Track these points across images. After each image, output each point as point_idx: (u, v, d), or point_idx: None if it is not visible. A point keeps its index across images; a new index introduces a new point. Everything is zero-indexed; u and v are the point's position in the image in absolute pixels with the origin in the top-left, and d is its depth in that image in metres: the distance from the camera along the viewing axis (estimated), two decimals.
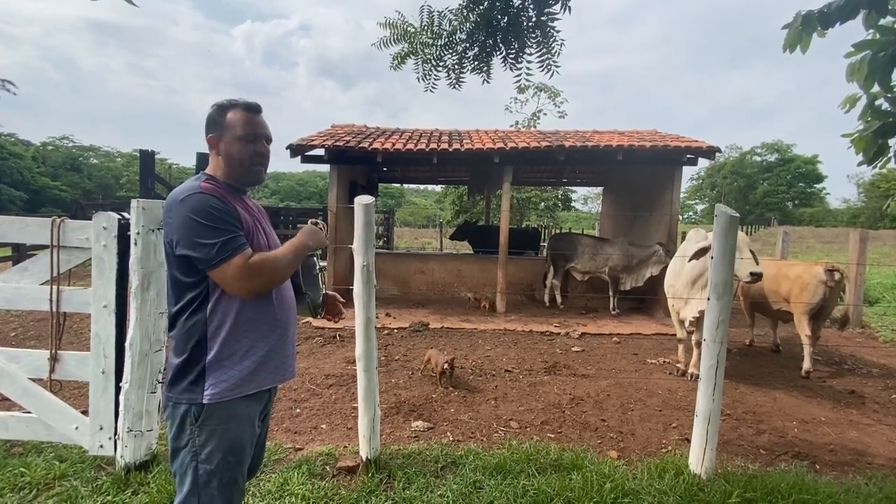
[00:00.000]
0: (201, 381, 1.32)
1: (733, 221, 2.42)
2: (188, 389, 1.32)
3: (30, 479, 2.29)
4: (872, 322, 6.73)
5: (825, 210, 44.81)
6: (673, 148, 6.69)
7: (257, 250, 1.37)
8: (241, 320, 1.36)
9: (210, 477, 1.32)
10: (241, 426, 1.38)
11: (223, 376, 1.33)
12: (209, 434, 1.32)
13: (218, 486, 1.33)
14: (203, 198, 1.30)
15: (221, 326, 1.34)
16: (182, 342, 1.33)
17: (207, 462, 1.32)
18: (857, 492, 2.37)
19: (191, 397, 1.31)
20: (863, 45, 1.85)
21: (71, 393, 3.31)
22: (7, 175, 30.05)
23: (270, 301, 1.43)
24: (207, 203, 1.29)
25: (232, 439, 1.35)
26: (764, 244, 19.94)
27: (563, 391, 3.89)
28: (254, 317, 1.39)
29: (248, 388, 1.37)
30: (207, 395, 1.31)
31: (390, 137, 7.61)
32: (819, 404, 3.78)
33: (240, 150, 1.41)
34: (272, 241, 1.52)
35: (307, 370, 4.23)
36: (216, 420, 1.32)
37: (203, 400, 1.31)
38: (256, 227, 1.44)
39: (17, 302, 2.46)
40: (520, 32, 2.34)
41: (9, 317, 5.88)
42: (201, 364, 1.32)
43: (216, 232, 1.27)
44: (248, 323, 1.37)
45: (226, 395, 1.33)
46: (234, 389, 1.34)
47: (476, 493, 2.30)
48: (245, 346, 1.37)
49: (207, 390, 1.31)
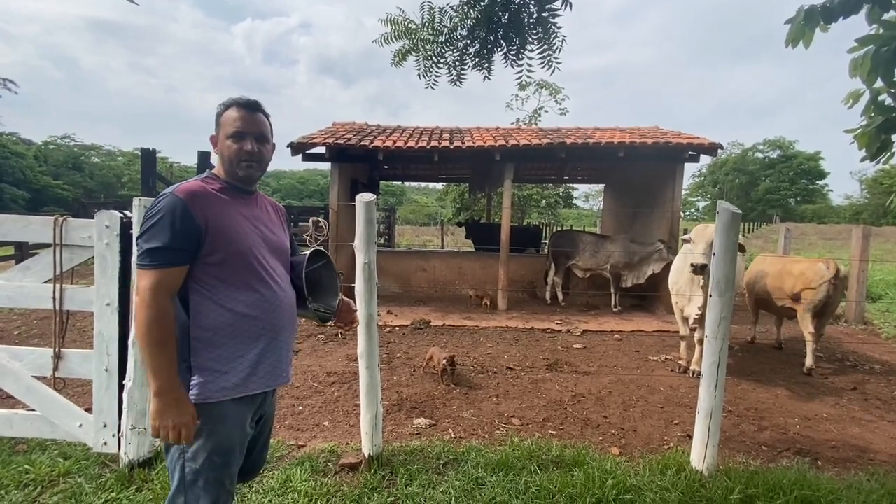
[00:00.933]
0: (187, 380, 1.30)
1: (735, 218, 2.41)
2: None
3: (34, 476, 2.31)
4: (875, 319, 6.71)
5: (827, 207, 44.64)
6: (675, 144, 6.67)
7: (246, 252, 1.35)
8: (225, 322, 1.33)
9: (196, 476, 1.32)
10: (229, 428, 1.35)
11: (209, 377, 1.31)
12: (198, 432, 1.31)
13: (203, 485, 1.32)
14: (168, 200, 1.27)
15: (205, 328, 1.31)
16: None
17: (193, 461, 1.32)
18: (859, 488, 2.37)
19: None
20: (866, 40, 1.84)
21: (74, 391, 3.32)
22: (9, 174, 30.11)
23: (261, 302, 1.38)
24: (167, 206, 1.26)
25: (218, 440, 1.33)
26: (766, 241, 19.91)
27: (564, 388, 3.90)
28: (240, 320, 1.34)
29: (234, 392, 1.34)
30: (194, 395, 1.29)
31: (391, 135, 7.60)
32: (821, 401, 3.78)
33: (228, 147, 1.39)
34: (274, 242, 1.48)
35: (309, 368, 4.24)
36: (203, 419, 1.30)
37: (190, 399, 1.29)
38: (250, 229, 1.40)
39: (20, 300, 2.47)
40: (521, 29, 2.34)
41: (12, 315, 5.91)
42: (186, 363, 1.30)
43: (153, 238, 1.25)
44: (233, 326, 1.34)
45: (210, 397, 1.31)
46: (220, 392, 1.32)
47: (478, 489, 2.31)
48: (231, 349, 1.34)
49: (193, 390, 1.30)
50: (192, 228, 1.27)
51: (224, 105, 1.42)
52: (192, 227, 1.27)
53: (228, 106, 1.41)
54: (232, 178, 1.42)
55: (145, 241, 1.25)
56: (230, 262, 1.33)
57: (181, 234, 1.25)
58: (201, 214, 1.29)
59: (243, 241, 1.36)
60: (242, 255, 1.35)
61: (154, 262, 1.24)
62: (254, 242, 1.39)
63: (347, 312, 1.69)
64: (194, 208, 1.28)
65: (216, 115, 1.43)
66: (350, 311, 1.70)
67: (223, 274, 1.33)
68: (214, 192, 1.36)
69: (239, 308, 1.34)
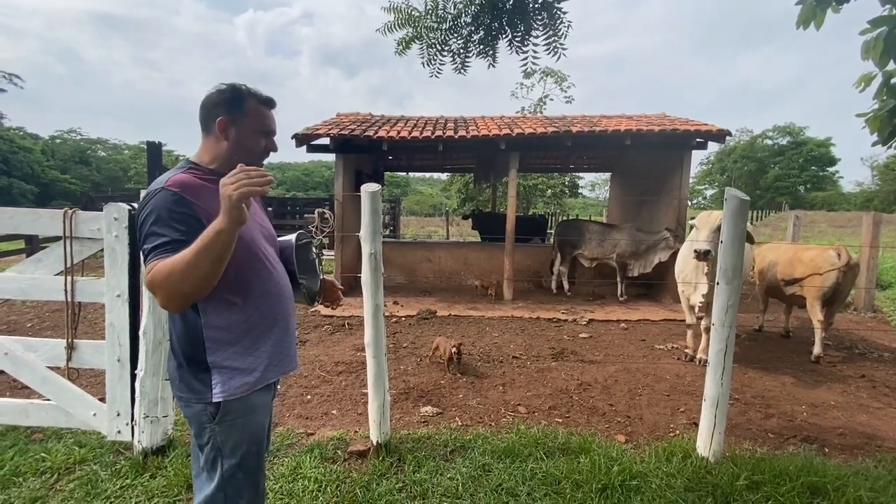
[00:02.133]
0: (208, 380, 1.27)
1: (743, 205, 2.39)
2: (195, 389, 1.27)
3: (51, 464, 2.37)
4: (885, 306, 6.65)
5: (838, 194, 43.95)
6: (682, 132, 6.59)
7: (250, 244, 1.31)
8: (239, 319, 1.30)
9: (235, 470, 1.32)
10: (260, 418, 1.37)
11: (229, 374, 1.29)
12: (229, 429, 1.30)
13: (244, 476, 1.33)
14: (162, 195, 1.19)
15: (219, 326, 1.27)
16: (183, 342, 1.29)
17: (232, 456, 1.31)
18: (867, 474, 2.38)
19: (200, 397, 1.27)
20: (879, 21, 1.80)
21: (87, 381, 3.38)
22: (17, 169, 30.34)
23: (269, 292, 1.36)
24: (165, 201, 1.18)
25: (252, 431, 1.34)
26: (775, 230, 19.69)
27: (570, 377, 3.91)
28: (254, 314, 1.33)
29: (256, 385, 1.34)
30: (217, 393, 1.27)
31: (395, 125, 7.57)
32: (829, 388, 3.77)
33: (255, 142, 1.35)
34: (267, 230, 1.47)
35: (317, 357, 4.28)
36: (234, 415, 1.30)
37: (214, 399, 1.27)
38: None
39: (32, 292, 2.50)
40: (526, 14, 2.30)
41: (24, 308, 6.00)
42: (203, 364, 1.27)
43: (153, 236, 1.16)
44: (247, 321, 1.31)
45: (234, 394, 1.29)
46: (243, 387, 1.31)
47: (485, 475, 2.33)
48: (248, 343, 1.32)
49: (215, 388, 1.27)
50: (193, 223, 1.17)
51: (242, 91, 1.33)
52: (191, 214, 1.18)
53: (252, 96, 1.34)
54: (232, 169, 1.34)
55: (148, 242, 1.16)
56: (237, 256, 1.24)
57: (184, 227, 1.17)
58: (201, 207, 1.21)
59: (246, 232, 1.29)
60: (247, 247, 1.31)
61: (165, 250, 1.13)
62: (254, 233, 1.36)
63: (332, 290, 1.71)
64: (193, 200, 1.20)
65: (231, 98, 1.32)
66: (334, 288, 1.72)
67: (231, 269, 1.22)
68: (206, 183, 1.27)
69: (250, 302, 1.32)
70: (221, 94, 1.32)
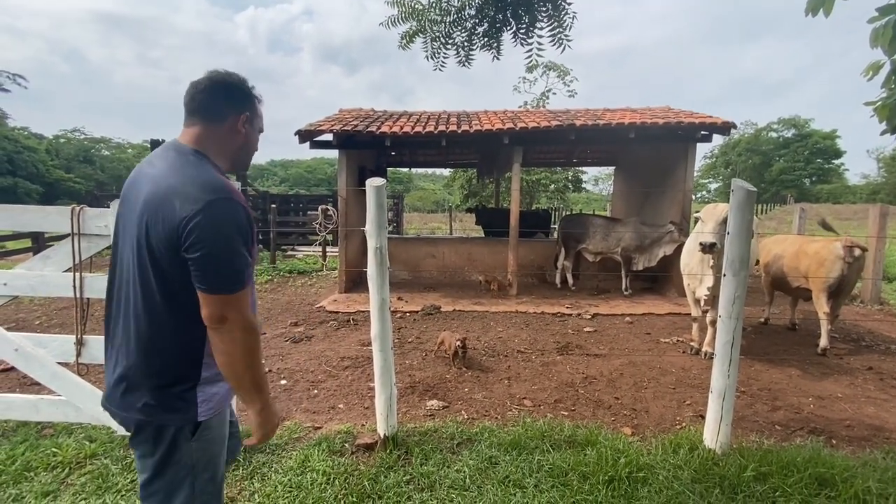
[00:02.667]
0: (192, 397, 1.18)
1: (750, 196, 2.38)
2: (177, 409, 1.17)
3: (62, 459, 2.39)
4: (891, 299, 6.61)
5: (843, 186, 43.64)
6: (686, 124, 6.54)
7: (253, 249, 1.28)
8: None
9: (208, 483, 1.25)
10: (225, 425, 1.33)
11: (213, 389, 1.22)
12: (208, 444, 1.23)
13: (214, 487, 1.28)
14: (239, 210, 1.13)
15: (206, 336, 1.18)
16: (175, 359, 1.18)
17: (206, 470, 1.24)
18: (874, 465, 2.37)
19: (184, 417, 1.18)
20: (888, 8, 1.78)
21: (97, 377, 3.41)
22: (23, 168, 30.53)
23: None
24: (242, 216, 1.14)
25: (223, 438, 1.31)
26: (780, 223, 19.60)
27: (575, 370, 3.91)
28: None
29: (229, 393, 1.30)
30: (203, 411, 1.20)
31: (398, 121, 7.56)
32: (836, 380, 3.75)
33: (255, 141, 1.35)
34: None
35: (323, 353, 4.30)
36: (212, 430, 1.24)
37: (200, 417, 1.19)
38: None
39: (41, 289, 2.52)
40: (530, 6, 2.29)
41: (32, 305, 6.05)
42: (192, 382, 1.18)
43: (241, 257, 1.13)
44: None
45: (218, 407, 1.25)
46: (218, 398, 1.24)
47: (492, 468, 2.34)
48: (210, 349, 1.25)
49: (201, 406, 1.19)
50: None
51: (253, 91, 1.31)
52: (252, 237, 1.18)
53: (257, 98, 1.33)
54: (234, 169, 1.34)
55: (237, 264, 1.12)
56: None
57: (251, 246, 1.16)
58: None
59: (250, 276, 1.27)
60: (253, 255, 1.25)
61: (243, 283, 1.14)
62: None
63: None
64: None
65: (248, 95, 1.28)
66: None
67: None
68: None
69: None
70: (244, 86, 1.27)
